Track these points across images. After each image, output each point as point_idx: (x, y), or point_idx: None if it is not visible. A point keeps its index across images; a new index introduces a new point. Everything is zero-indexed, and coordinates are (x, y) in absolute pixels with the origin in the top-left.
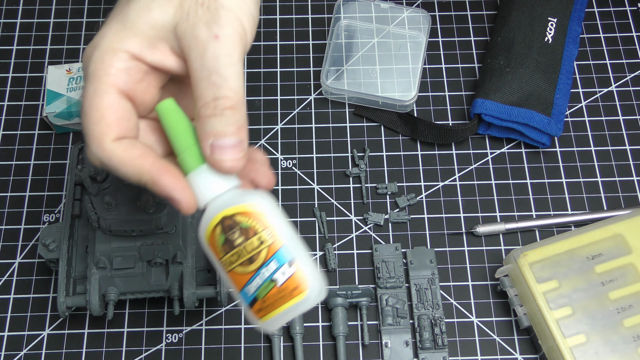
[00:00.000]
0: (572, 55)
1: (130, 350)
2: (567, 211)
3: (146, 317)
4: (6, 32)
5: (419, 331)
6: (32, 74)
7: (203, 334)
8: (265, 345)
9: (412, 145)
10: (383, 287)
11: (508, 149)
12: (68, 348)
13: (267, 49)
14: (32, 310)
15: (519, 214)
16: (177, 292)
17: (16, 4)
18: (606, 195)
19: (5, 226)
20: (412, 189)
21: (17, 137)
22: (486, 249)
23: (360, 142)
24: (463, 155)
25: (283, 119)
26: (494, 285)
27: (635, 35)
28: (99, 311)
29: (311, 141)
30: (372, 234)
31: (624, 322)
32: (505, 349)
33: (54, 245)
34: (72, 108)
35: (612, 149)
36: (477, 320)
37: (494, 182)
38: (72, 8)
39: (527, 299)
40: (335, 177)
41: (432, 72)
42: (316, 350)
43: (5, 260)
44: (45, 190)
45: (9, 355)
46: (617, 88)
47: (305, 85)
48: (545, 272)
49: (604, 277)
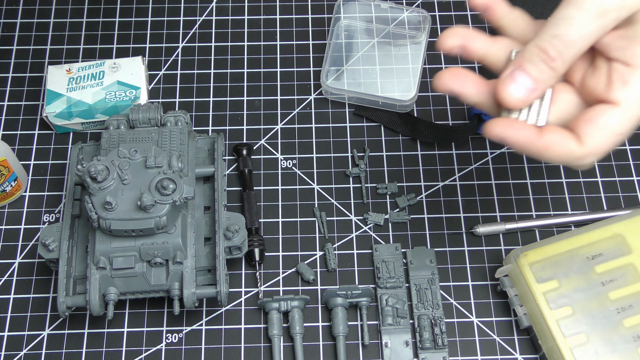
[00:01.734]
0: None
1: (130, 350)
2: (567, 211)
3: (146, 317)
4: (6, 32)
5: (419, 331)
6: (32, 74)
7: (203, 334)
8: (265, 345)
9: (412, 145)
10: (383, 287)
11: (508, 149)
12: (68, 348)
13: (267, 49)
14: (32, 310)
15: (519, 214)
16: (177, 292)
17: (16, 4)
18: (606, 195)
19: (5, 226)
20: (412, 189)
21: (17, 137)
22: (486, 249)
23: (360, 142)
24: (463, 155)
25: (283, 119)
26: (494, 285)
27: None
28: (99, 311)
29: (311, 141)
30: (372, 234)
31: (624, 322)
32: (505, 349)
33: (54, 245)
34: (72, 108)
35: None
36: (477, 320)
37: (494, 182)
38: (72, 8)
39: (527, 299)
40: (335, 177)
41: (432, 72)
42: (316, 350)
43: (5, 260)
44: (45, 190)
45: (9, 355)
46: None
47: (305, 85)
48: (545, 272)
49: (604, 277)
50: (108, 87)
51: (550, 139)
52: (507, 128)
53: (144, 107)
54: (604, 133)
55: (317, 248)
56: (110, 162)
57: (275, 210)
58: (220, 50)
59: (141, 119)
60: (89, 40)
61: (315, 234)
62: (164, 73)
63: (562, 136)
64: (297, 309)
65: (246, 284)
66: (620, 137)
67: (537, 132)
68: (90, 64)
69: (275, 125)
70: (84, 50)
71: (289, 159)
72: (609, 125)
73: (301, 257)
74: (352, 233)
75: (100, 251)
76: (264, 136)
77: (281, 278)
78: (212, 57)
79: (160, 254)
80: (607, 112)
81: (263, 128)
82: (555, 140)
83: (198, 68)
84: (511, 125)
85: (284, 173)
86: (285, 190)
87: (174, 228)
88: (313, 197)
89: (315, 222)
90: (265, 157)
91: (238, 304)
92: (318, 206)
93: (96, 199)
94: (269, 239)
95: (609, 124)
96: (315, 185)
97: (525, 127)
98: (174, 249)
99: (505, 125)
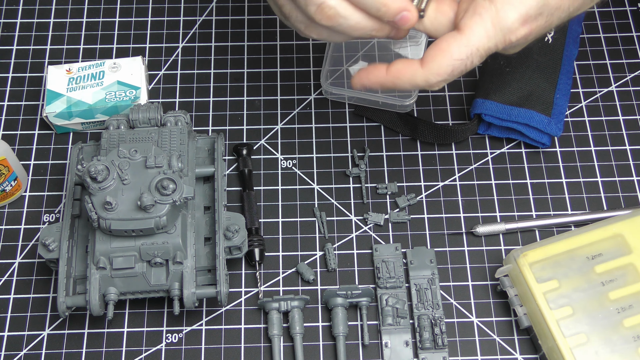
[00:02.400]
0: (572, 55)
1: (130, 350)
2: (567, 211)
3: (146, 317)
4: (6, 32)
5: (419, 331)
6: (32, 74)
7: (203, 334)
8: (265, 345)
9: (412, 145)
10: (383, 287)
11: (508, 149)
12: (68, 348)
13: (267, 49)
14: (32, 310)
15: (519, 214)
16: (177, 292)
17: (16, 4)
18: (606, 195)
19: (5, 226)
20: (412, 189)
21: (17, 137)
22: (486, 249)
23: (360, 142)
24: (463, 155)
25: (283, 119)
26: (494, 285)
27: (635, 35)
28: (99, 311)
29: (311, 141)
30: (372, 234)
31: (624, 322)
32: (505, 349)
33: (54, 245)
34: (72, 108)
35: (612, 149)
36: (477, 320)
37: (494, 182)
38: (72, 8)
39: (527, 299)
40: (335, 177)
41: None
42: (316, 350)
43: (5, 260)
44: (45, 190)
45: (9, 355)
46: (617, 88)
47: (305, 85)
48: (545, 272)
49: (604, 277)
50: (108, 87)
51: (396, 68)
52: (363, 77)
53: (144, 107)
54: (444, 56)
55: (317, 248)
56: (110, 162)
57: (275, 210)
58: (220, 50)
59: (141, 119)
60: (89, 40)
61: (315, 234)
62: (164, 73)
63: (405, 63)
64: (297, 309)
65: (246, 284)
66: (459, 62)
67: (386, 67)
68: (90, 64)
69: (275, 125)
70: (84, 50)
71: (289, 159)
72: (450, 50)
73: (301, 257)
74: (352, 233)
75: (100, 251)
76: (264, 136)
77: (281, 278)
78: (212, 57)
79: (160, 254)
80: (451, 37)
81: (263, 128)
82: (399, 68)
83: (198, 68)
84: (365, 73)
85: (284, 173)
86: (285, 190)
87: (174, 228)
88: (313, 197)
89: (315, 222)
90: (265, 157)
91: (238, 304)
92: (318, 206)
93: (96, 199)
94: (269, 239)
95: (450, 48)
96: (315, 185)
97: (375, 68)
98: (174, 249)
99: (361, 75)
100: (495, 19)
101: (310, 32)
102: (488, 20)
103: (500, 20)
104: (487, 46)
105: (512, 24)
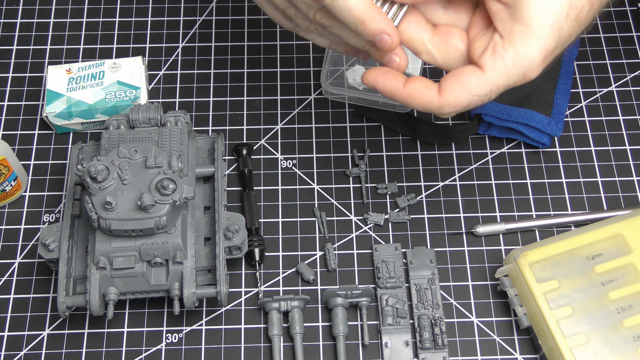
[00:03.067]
0: (572, 55)
1: (130, 350)
2: (567, 211)
3: (146, 317)
4: (6, 32)
5: (419, 331)
6: (32, 74)
7: (203, 334)
8: (265, 346)
9: (412, 145)
10: (383, 287)
11: (508, 149)
12: (68, 348)
13: (267, 49)
14: (32, 310)
15: (519, 214)
16: (177, 292)
17: (16, 4)
18: (606, 195)
19: (5, 226)
20: (412, 189)
21: (17, 137)
22: (486, 249)
23: (360, 142)
24: (463, 155)
25: (283, 119)
26: (494, 285)
27: (635, 35)
28: (99, 311)
29: (311, 141)
30: (372, 234)
31: (624, 322)
32: (505, 349)
33: (54, 245)
34: (72, 108)
35: (612, 149)
36: (477, 320)
37: (494, 182)
38: (72, 8)
39: (527, 299)
40: (335, 177)
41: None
42: (316, 350)
43: (5, 260)
44: (45, 190)
45: (9, 355)
46: (617, 88)
47: (305, 85)
48: (545, 272)
49: (604, 277)
50: (108, 87)
51: (414, 87)
52: (379, 76)
53: (144, 107)
54: (463, 90)
55: (317, 248)
56: (110, 162)
57: (275, 210)
58: (220, 50)
59: (141, 119)
60: (89, 40)
61: (315, 234)
62: (164, 73)
63: (424, 86)
64: (297, 309)
65: (246, 284)
66: (477, 98)
67: (404, 81)
68: (90, 64)
69: (275, 125)
70: (84, 50)
71: (289, 159)
72: (469, 85)
73: (301, 257)
74: (352, 233)
75: (100, 251)
76: (264, 136)
77: (281, 278)
78: (212, 57)
79: (160, 254)
80: (472, 72)
81: (263, 128)
82: (417, 89)
83: (198, 68)
84: (382, 74)
85: (284, 173)
86: (285, 190)
87: (174, 228)
88: (313, 197)
89: (315, 222)
90: (265, 157)
91: (238, 304)
92: (318, 206)
93: (96, 199)
94: (269, 239)
95: (470, 83)
96: (315, 185)
97: (394, 76)
98: (174, 249)
99: (377, 74)
100: (516, 58)
101: (314, 37)
102: (509, 59)
103: (521, 58)
104: (506, 84)
105: (534, 61)
